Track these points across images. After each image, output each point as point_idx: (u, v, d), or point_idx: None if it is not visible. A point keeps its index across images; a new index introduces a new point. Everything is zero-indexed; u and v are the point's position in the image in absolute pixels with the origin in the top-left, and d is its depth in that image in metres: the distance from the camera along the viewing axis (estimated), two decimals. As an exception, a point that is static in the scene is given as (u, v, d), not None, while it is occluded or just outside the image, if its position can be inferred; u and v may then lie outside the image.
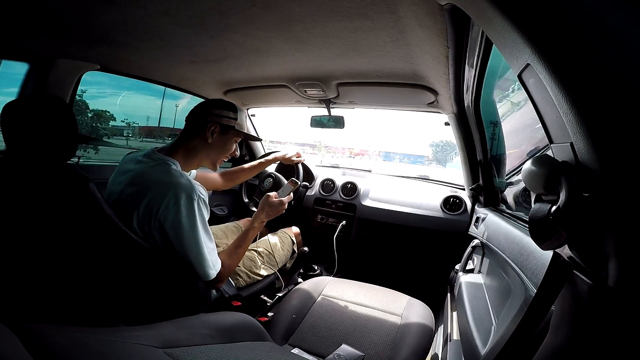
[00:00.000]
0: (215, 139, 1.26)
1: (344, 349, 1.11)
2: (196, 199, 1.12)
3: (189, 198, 1.10)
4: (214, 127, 1.25)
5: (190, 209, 1.11)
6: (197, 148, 1.26)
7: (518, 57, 0.47)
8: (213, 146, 1.28)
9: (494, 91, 1.42)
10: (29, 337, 0.40)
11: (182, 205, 1.09)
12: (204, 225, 1.16)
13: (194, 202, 1.11)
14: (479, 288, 1.24)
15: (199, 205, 1.13)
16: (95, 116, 3.73)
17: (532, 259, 0.79)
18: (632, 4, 0.37)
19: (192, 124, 1.27)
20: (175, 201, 1.08)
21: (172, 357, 0.56)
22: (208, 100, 1.33)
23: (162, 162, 1.17)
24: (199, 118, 1.26)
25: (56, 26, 1.17)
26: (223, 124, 1.27)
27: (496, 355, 0.57)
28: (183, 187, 1.10)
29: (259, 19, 1.06)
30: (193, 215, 1.11)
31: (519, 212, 1.30)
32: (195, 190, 1.12)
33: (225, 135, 1.29)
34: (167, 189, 1.09)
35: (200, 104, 1.30)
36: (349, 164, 3.06)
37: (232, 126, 1.29)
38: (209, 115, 1.25)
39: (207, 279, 1.17)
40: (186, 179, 1.13)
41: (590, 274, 0.40)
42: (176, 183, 1.10)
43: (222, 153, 1.32)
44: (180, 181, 1.11)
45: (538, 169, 0.44)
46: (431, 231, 2.07)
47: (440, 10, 0.84)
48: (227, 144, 1.31)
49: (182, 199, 1.09)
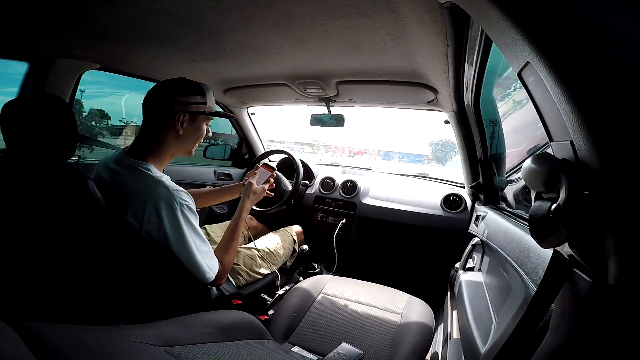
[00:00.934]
0: (186, 129, 1.14)
1: (344, 347, 1.11)
2: (177, 206, 1.06)
3: (170, 208, 1.05)
4: (183, 116, 1.12)
5: (173, 218, 1.06)
6: (167, 142, 1.14)
7: (517, 55, 0.47)
8: (185, 137, 1.16)
9: (493, 89, 1.42)
10: (30, 335, 0.40)
11: (163, 216, 1.04)
12: (192, 231, 1.11)
13: (176, 210, 1.06)
14: (479, 286, 1.24)
15: (182, 212, 1.07)
16: (90, 115, 3.73)
17: (532, 257, 0.79)
18: (632, 1, 0.37)
19: (154, 115, 1.13)
20: (157, 213, 1.04)
21: (172, 356, 0.56)
22: (166, 83, 1.15)
23: (135, 170, 1.08)
24: (159, 109, 1.12)
25: (56, 25, 1.17)
26: (192, 112, 1.14)
27: (496, 353, 0.57)
28: (162, 197, 1.04)
29: (258, 18, 1.06)
30: (178, 225, 1.06)
31: (519, 210, 1.30)
32: (175, 198, 1.06)
33: (196, 122, 1.17)
34: (145, 202, 1.03)
35: (157, 90, 1.14)
36: (349, 163, 3.06)
37: (203, 111, 1.17)
38: (174, 104, 1.11)
39: (206, 282, 1.15)
40: (164, 187, 1.06)
41: (591, 272, 0.40)
42: (154, 194, 1.04)
43: (196, 140, 1.21)
44: (158, 191, 1.04)
45: (538, 167, 0.44)
46: (431, 229, 2.08)
47: (440, 9, 0.84)
48: (199, 130, 1.19)
49: (162, 210, 1.04)
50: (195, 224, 1.13)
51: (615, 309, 0.37)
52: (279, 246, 1.83)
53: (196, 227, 1.13)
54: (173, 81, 1.15)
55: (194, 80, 1.18)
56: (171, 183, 1.10)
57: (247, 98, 2.29)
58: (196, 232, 1.13)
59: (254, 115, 2.65)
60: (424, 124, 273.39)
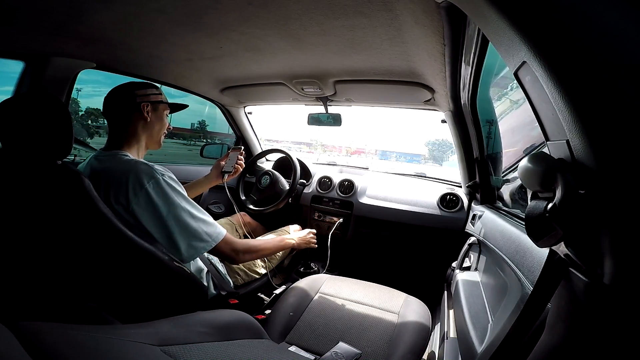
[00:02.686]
0: (152, 117, 1.26)
1: (341, 347, 1.11)
2: (159, 177, 1.10)
3: (153, 178, 1.09)
4: (147, 105, 1.24)
5: (158, 187, 1.10)
6: (138, 131, 1.24)
7: (514, 55, 0.47)
8: (152, 124, 1.27)
9: (490, 89, 1.43)
10: (26, 335, 0.39)
11: (148, 187, 1.08)
12: (181, 197, 1.15)
13: (160, 181, 1.10)
14: (476, 286, 1.25)
15: (166, 182, 1.12)
16: (87, 114, 3.71)
17: (528, 256, 0.79)
18: (628, 1, 0.37)
19: (118, 113, 1.22)
20: (140, 187, 1.08)
21: (169, 355, 0.56)
22: (122, 85, 1.26)
23: (112, 157, 1.16)
24: (124, 104, 1.22)
25: (52, 24, 1.17)
26: (153, 101, 1.26)
27: (492, 353, 0.57)
28: (142, 171, 1.09)
29: (255, 17, 1.06)
30: (164, 192, 1.10)
31: (515, 210, 1.30)
32: (157, 170, 1.11)
33: (158, 112, 1.29)
34: (127, 179, 1.08)
35: (115, 92, 1.23)
36: (346, 162, 3.06)
37: (161, 100, 1.29)
38: (136, 97, 1.22)
39: (204, 251, 1.16)
40: (143, 164, 1.11)
41: (586, 272, 0.40)
42: (135, 170, 1.09)
43: (162, 129, 1.33)
44: (138, 167, 1.10)
45: (534, 166, 0.44)
46: (428, 228, 2.08)
47: (437, 8, 0.84)
48: (162, 118, 1.31)
49: (145, 181, 1.08)
50: (183, 192, 1.17)
51: (611, 308, 0.37)
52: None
53: (185, 195, 1.17)
54: (127, 83, 1.27)
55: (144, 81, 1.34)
56: (150, 163, 1.15)
57: (245, 97, 2.29)
58: (186, 200, 1.16)
59: (251, 115, 2.65)
60: (421, 123, 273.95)
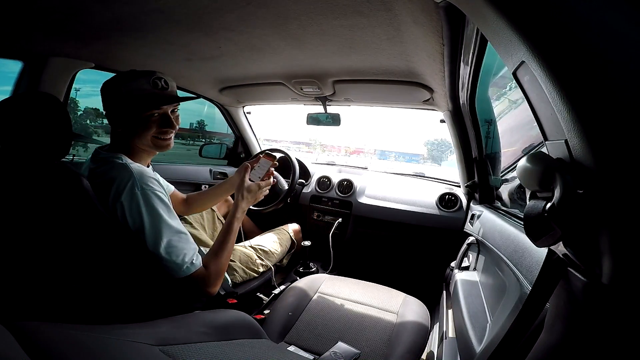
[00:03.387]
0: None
1: (340, 347, 1.11)
2: (138, 191, 1.00)
3: (130, 192, 1.00)
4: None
5: (133, 202, 1.00)
6: (124, 133, 1.11)
7: (513, 55, 0.47)
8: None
9: (489, 88, 1.43)
10: (24, 334, 0.39)
11: (123, 201, 0.99)
12: (156, 217, 1.02)
13: (136, 195, 1.00)
14: (474, 285, 1.25)
15: (144, 196, 1.01)
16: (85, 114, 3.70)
17: (527, 256, 0.79)
18: (627, 1, 0.37)
19: (106, 111, 1.11)
20: (117, 198, 0.99)
21: (167, 355, 0.56)
22: (110, 79, 1.09)
23: (105, 160, 1.07)
24: (109, 102, 1.09)
25: (50, 24, 1.16)
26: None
27: (491, 352, 0.57)
28: (123, 181, 1.00)
29: (254, 17, 1.06)
30: (138, 209, 1.00)
31: (514, 209, 1.30)
32: (137, 182, 1.01)
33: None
34: (110, 187, 1.00)
35: (103, 88, 1.09)
36: (345, 162, 3.07)
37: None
38: (120, 94, 1.06)
39: (183, 275, 1.05)
40: (128, 172, 1.02)
41: (585, 272, 0.40)
42: (118, 179, 1.00)
43: (149, 131, 1.10)
44: (121, 175, 1.01)
45: (533, 166, 0.44)
46: (427, 228, 2.08)
47: (436, 8, 0.85)
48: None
49: (123, 194, 0.99)
50: (160, 211, 1.03)
51: (609, 308, 0.37)
52: (275, 243, 1.83)
53: (160, 213, 1.03)
54: (121, 73, 1.10)
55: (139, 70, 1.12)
56: (140, 169, 1.05)
57: (244, 97, 2.29)
58: (162, 220, 1.03)
59: (250, 115, 2.65)
60: (420, 123, 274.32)
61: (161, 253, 1.02)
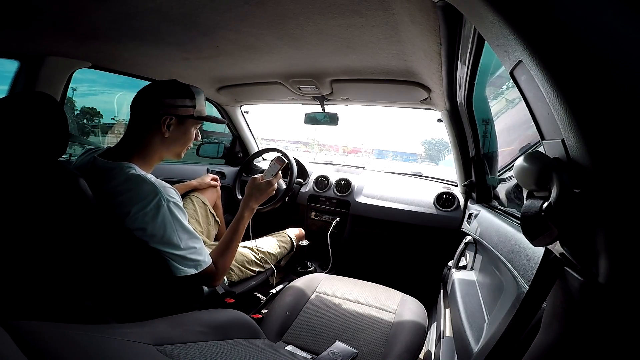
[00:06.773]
0: (172, 132, 1.12)
1: (338, 346, 1.11)
2: (164, 203, 1.01)
3: (157, 205, 1.00)
4: (169, 119, 1.10)
5: (160, 215, 1.01)
6: (153, 145, 1.11)
7: (510, 54, 0.47)
8: (172, 140, 1.14)
9: (486, 88, 1.43)
10: (20, 334, 0.39)
11: (148, 212, 0.99)
12: (179, 226, 1.05)
13: (162, 207, 1.01)
14: (472, 285, 1.25)
15: (169, 209, 1.02)
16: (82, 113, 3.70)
17: (524, 255, 0.79)
18: (623, 0, 0.37)
19: (141, 116, 1.10)
20: (142, 210, 0.99)
21: (164, 354, 0.56)
22: (155, 84, 1.14)
23: (115, 170, 1.04)
24: (149, 110, 1.09)
25: (46, 24, 1.16)
26: (179, 115, 1.12)
27: (488, 352, 0.57)
28: (147, 194, 1.00)
29: (252, 16, 1.06)
30: (164, 221, 1.02)
31: (511, 209, 1.30)
32: (162, 194, 1.01)
33: (183, 126, 1.15)
34: (130, 199, 0.99)
35: (145, 92, 1.12)
36: (343, 161, 3.07)
37: (191, 115, 1.14)
38: (161, 107, 1.09)
39: (197, 272, 1.09)
40: (150, 184, 1.01)
41: (582, 271, 0.40)
42: (140, 191, 1.00)
43: (184, 144, 1.18)
44: (143, 188, 1.00)
45: (530, 166, 0.44)
46: (424, 228, 2.09)
47: (433, 7, 0.84)
48: (187, 134, 1.17)
49: (149, 206, 0.99)
50: (183, 220, 1.07)
51: (606, 307, 0.38)
52: (274, 245, 1.83)
53: (183, 224, 1.07)
54: (163, 83, 1.14)
55: (185, 83, 1.17)
56: (160, 182, 1.05)
57: (241, 96, 2.28)
58: (184, 228, 1.07)
59: (248, 114, 2.65)
60: (418, 122, 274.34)
61: (183, 254, 1.06)
